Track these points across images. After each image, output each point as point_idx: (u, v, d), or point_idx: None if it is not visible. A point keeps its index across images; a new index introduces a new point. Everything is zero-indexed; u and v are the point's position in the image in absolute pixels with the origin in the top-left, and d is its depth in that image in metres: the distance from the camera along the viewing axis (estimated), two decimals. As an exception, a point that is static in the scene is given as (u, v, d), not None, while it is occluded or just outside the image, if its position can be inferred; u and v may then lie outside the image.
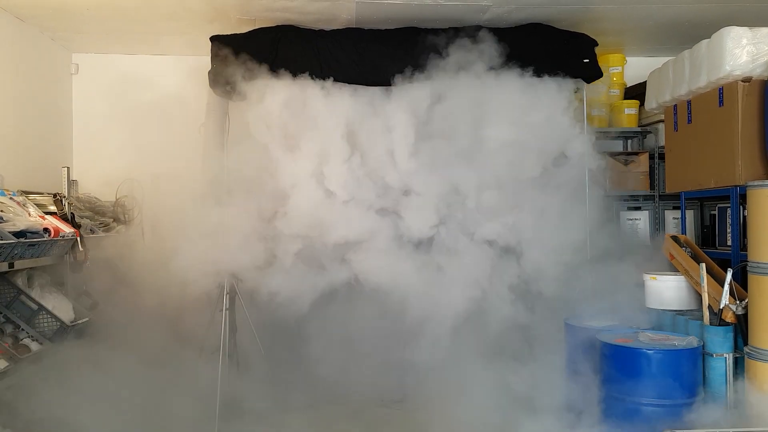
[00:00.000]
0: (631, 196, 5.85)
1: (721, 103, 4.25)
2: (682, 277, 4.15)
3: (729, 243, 4.33)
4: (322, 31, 5.03)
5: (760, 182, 3.22)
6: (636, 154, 5.88)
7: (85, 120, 5.96)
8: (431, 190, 5.16)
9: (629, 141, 6.29)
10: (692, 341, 3.50)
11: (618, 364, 3.45)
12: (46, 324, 4.08)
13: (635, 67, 6.00)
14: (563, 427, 4.21)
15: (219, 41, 4.95)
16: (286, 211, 5.11)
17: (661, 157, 5.65)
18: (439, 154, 5.12)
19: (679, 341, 3.52)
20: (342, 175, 5.13)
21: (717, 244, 4.60)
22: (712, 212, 4.78)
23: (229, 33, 4.97)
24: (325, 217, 5.12)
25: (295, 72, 4.92)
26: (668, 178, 5.12)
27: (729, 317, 3.44)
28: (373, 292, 5.28)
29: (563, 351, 4.40)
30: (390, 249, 5.31)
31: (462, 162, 5.10)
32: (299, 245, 5.15)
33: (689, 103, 4.68)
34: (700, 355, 3.45)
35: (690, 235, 4.84)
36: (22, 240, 3.60)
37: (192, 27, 5.18)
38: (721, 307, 3.45)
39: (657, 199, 5.78)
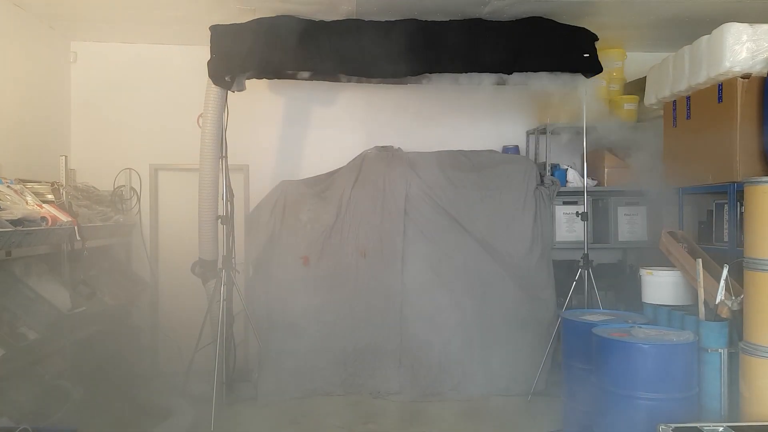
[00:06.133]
0: (629, 191, 5.86)
1: (720, 99, 4.25)
2: (679, 272, 4.16)
3: (726, 239, 4.35)
4: (322, 21, 5.01)
5: (757, 179, 3.22)
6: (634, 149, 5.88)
7: (84, 109, 5.93)
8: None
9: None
10: (688, 336, 3.52)
11: (614, 359, 3.47)
12: (43, 312, 4.07)
13: (635, 63, 6.00)
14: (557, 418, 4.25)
15: (219, 31, 4.93)
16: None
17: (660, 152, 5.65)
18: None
19: (675, 336, 3.54)
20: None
21: (714, 240, 4.61)
22: (710, 208, 4.79)
23: (229, 22, 4.95)
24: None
25: (295, 63, 4.91)
26: (666, 174, 5.12)
27: (724, 313, 3.46)
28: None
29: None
30: None
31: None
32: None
33: (688, 99, 4.67)
34: (695, 350, 3.47)
35: (687, 231, 4.84)
36: (20, 228, 3.59)
37: (192, 16, 5.15)
38: (716, 303, 3.47)
39: (654, 194, 5.77)
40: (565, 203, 5.74)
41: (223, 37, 4.90)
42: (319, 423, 4.67)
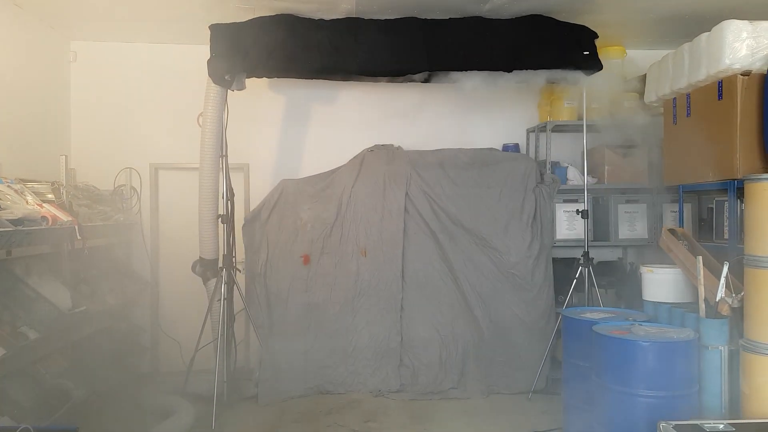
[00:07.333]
0: (629, 189, 5.86)
1: (720, 96, 4.24)
2: (679, 270, 4.16)
3: (726, 236, 4.34)
4: (322, 20, 5.00)
5: (757, 176, 3.22)
6: (634, 147, 5.88)
7: (84, 108, 5.93)
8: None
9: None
10: (688, 333, 3.52)
11: (614, 356, 3.47)
12: (43, 312, 4.07)
13: (635, 60, 5.99)
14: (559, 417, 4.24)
15: (218, 30, 4.92)
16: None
17: (660, 150, 5.65)
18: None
19: (675, 333, 3.54)
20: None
21: (714, 238, 4.61)
22: (710, 205, 4.79)
23: (228, 21, 4.95)
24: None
25: (295, 62, 4.91)
26: (666, 171, 5.12)
27: (725, 310, 3.45)
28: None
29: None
30: None
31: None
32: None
33: (688, 96, 4.67)
34: (695, 348, 3.47)
35: (687, 229, 4.84)
36: (20, 228, 3.59)
37: (191, 15, 5.15)
38: (717, 300, 3.47)
39: (655, 192, 5.79)
40: (565, 201, 5.74)
41: (222, 36, 4.90)
42: (320, 422, 4.67)
